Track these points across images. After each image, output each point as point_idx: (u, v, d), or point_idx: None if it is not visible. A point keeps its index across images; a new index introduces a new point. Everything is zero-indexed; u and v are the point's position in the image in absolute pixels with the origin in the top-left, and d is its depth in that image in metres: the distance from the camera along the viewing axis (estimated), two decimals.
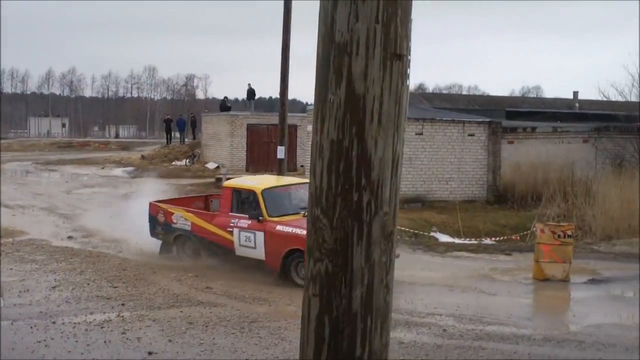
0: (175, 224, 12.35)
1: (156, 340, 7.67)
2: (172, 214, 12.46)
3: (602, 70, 76.71)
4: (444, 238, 16.60)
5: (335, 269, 2.01)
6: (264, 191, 11.51)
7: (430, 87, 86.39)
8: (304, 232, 10.40)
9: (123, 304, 9.16)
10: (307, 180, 14.51)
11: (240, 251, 11.40)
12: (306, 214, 11.36)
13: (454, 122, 21.14)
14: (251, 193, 11.60)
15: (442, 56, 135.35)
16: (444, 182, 20.66)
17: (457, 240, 16.05)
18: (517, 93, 76.85)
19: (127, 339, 7.69)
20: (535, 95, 69.34)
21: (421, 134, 20.41)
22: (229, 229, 11.51)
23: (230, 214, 11.63)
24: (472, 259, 14.02)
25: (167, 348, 7.45)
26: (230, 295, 9.97)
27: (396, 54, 2.07)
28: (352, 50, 2.04)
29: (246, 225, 11.28)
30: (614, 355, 8.02)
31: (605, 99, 28.87)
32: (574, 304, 10.97)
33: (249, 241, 11.27)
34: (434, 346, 8.08)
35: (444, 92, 66.84)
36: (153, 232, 12.85)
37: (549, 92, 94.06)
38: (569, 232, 12.06)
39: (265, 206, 11.27)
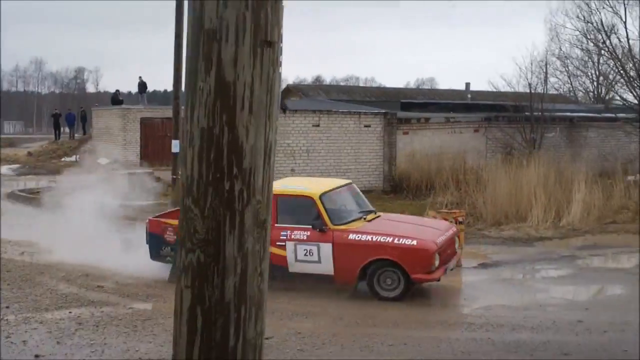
0: None
1: (43, 343, 7.39)
2: None
3: (492, 62, 79.48)
4: None
5: (208, 259, 1.98)
6: (322, 196, 10.26)
7: (327, 79, 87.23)
8: (388, 239, 9.92)
9: (7, 307, 8.76)
10: (349, 181, 12.24)
11: (296, 267, 10.09)
12: (368, 218, 10.77)
13: (350, 114, 21.39)
14: (306, 200, 10.29)
15: (338, 48, 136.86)
16: (342, 173, 20.86)
17: None
18: (412, 85, 78.72)
19: (12, 342, 7.37)
20: (429, 87, 71.22)
21: (318, 125, 20.56)
22: (279, 243, 10.01)
23: (276, 225, 10.00)
24: None
25: (55, 350, 7.20)
26: (123, 293, 9.73)
27: (267, 41, 2.05)
28: (222, 37, 2.01)
29: (305, 237, 10.02)
30: (502, 334, 8.35)
31: (495, 90, 30.00)
32: (465, 288, 11.32)
33: (310, 255, 10.00)
34: (331, 335, 8.16)
35: (342, 84, 67.58)
36: (157, 255, 10.81)
37: (443, 84, 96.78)
38: (460, 219, 12.44)
39: (327, 213, 10.09)
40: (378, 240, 9.82)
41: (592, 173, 18.84)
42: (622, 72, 20.51)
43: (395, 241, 9.81)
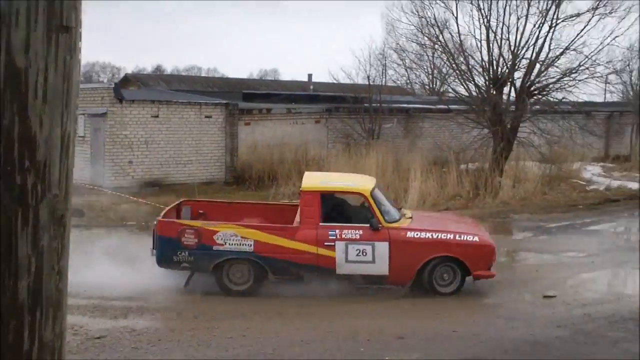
0: (222, 245, 9.60)
1: None
2: (215, 232, 9.65)
3: (334, 54, 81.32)
4: None
5: None
6: (372, 193, 9.91)
7: (168, 68, 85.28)
8: (449, 236, 9.73)
9: None
10: (373, 177, 11.98)
11: (345, 269, 9.58)
12: (407, 215, 10.42)
13: (190, 104, 21.08)
14: (356, 197, 10.06)
15: (179, 37, 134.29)
16: (182, 164, 20.57)
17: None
18: (255, 75, 78.75)
19: None
20: (272, 78, 71.57)
21: (157, 116, 20.08)
22: (327, 244, 9.54)
23: (321, 224, 9.64)
24: None
25: None
26: None
27: (63, 26, 1.93)
28: (12, 21, 1.87)
29: (358, 236, 9.57)
30: (342, 322, 8.58)
31: (336, 82, 30.64)
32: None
33: (363, 255, 9.54)
34: (168, 331, 8.04)
35: (183, 74, 66.37)
36: (169, 261, 9.71)
37: (286, 75, 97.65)
38: None
39: (380, 211, 9.74)
40: (439, 237, 9.71)
41: (427, 162, 19.81)
42: (454, 66, 21.53)
43: (457, 238, 9.77)
